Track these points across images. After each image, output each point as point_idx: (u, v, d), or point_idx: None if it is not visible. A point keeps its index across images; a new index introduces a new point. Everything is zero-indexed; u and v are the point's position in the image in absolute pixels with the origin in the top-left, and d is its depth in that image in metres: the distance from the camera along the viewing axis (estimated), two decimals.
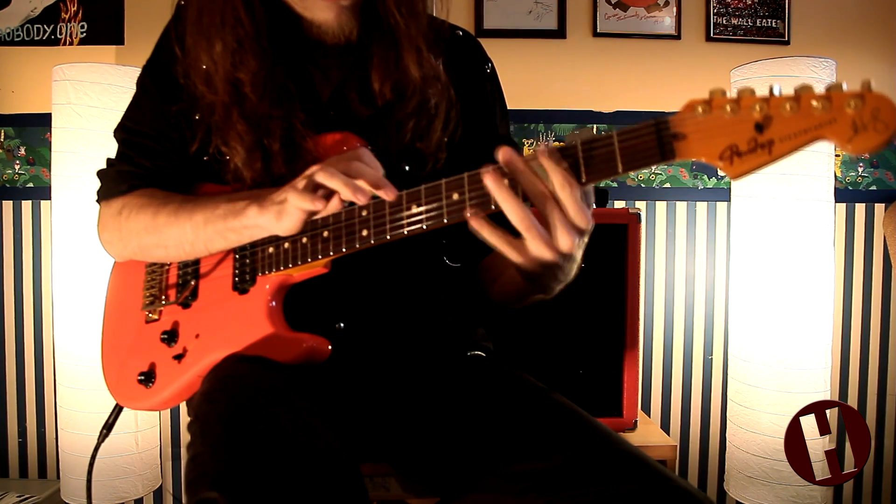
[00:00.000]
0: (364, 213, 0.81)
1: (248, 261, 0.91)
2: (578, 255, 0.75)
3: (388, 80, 0.88)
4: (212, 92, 0.89)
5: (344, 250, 0.83)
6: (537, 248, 0.71)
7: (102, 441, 1.11)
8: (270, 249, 0.89)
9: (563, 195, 0.67)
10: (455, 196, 0.74)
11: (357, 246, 0.82)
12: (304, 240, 0.86)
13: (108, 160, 1.03)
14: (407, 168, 0.91)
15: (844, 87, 0.58)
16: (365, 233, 0.80)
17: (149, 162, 0.98)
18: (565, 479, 0.70)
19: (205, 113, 0.92)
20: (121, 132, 1.03)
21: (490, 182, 0.69)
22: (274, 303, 0.89)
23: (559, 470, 0.72)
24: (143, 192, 0.97)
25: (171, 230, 0.90)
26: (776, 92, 0.61)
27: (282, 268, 0.88)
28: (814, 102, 0.59)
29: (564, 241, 0.69)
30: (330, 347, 0.87)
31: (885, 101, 0.57)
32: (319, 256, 0.85)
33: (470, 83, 1.00)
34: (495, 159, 0.71)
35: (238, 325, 0.90)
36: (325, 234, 0.84)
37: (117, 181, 0.99)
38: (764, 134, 0.61)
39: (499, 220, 0.71)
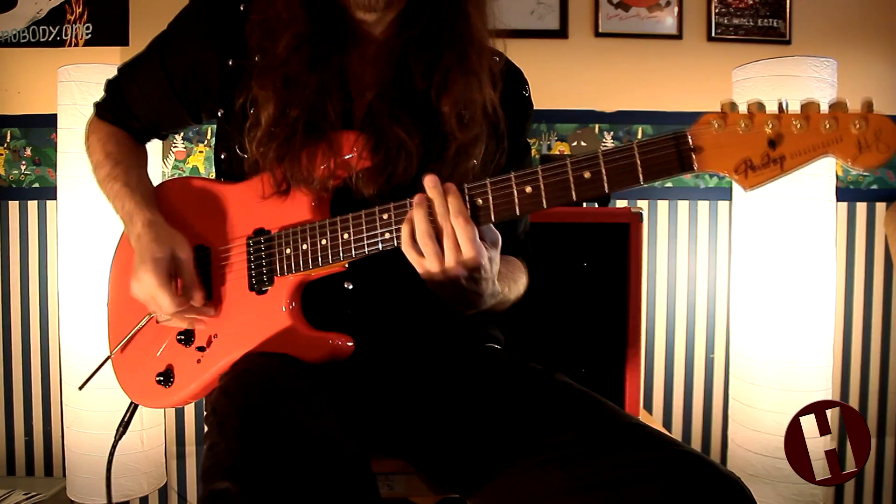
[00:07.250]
0: (385, 216, 0.82)
1: (263, 262, 0.91)
2: (484, 286, 0.83)
3: (455, 106, 0.90)
4: (272, 47, 0.89)
5: (366, 252, 0.83)
6: (430, 263, 0.80)
7: (119, 439, 1.09)
8: (288, 251, 0.89)
9: (456, 225, 0.78)
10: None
11: (380, 248, 0.83)
12: (324, 241, 0.86)
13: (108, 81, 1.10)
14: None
15: (848, 104, 0.64)
16: (388, 235, 0.81)
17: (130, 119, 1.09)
18: (582, 450, 0.75)
19: (255, 70, 0.91)
20: (114, 90, 1.09)
21: (415, 201, 0.80)
22: (294, 304, 0.89)
23: (575, 442, 0.76)
24: (116, 133, 1.08)
25: (103, 188, 1.05)
26: (785, 108, 0.67)
27: (301, 269, 0.88)
28: (822, 121, 0.65)
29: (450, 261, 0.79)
30: (352, 344, 0.88)
31: (886, 123, 0.64)
32: (341, 258, 0.85)
33: (512, 108, 1.01)
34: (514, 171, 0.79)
35: (259, 327, 0.90)
36: (346, 235, 0.84)
37: (111, 109, 1.09)
38: (776, 150, 0.67)
39: None
